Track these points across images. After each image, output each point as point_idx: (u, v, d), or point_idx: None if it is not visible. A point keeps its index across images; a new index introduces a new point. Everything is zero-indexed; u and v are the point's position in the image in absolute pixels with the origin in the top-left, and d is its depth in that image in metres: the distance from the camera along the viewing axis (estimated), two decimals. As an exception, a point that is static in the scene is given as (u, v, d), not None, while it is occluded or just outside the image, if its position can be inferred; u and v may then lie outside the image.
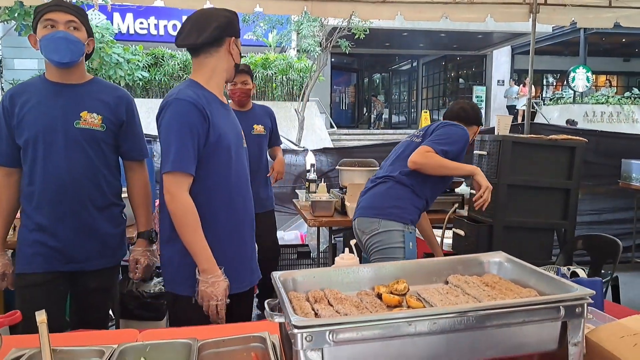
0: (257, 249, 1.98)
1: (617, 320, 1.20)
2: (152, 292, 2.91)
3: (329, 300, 1.13)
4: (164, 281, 1.82)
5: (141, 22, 14.23)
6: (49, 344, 1.09)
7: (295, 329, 0.90)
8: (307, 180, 3.93)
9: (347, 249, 1.66)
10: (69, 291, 1.98)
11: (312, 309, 1.08)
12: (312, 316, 1.04)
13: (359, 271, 1.29)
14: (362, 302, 1.14)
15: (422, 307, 1.12)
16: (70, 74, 1.89)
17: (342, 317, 1.00)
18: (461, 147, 2.40)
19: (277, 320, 1.01)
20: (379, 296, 1.18)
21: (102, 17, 11.38)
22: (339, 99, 19.84)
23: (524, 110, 11.89)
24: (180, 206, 1.63)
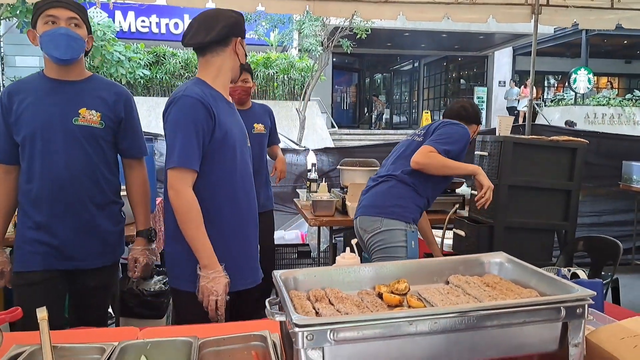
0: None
1: (618, 321, 1.20)
2: (152, 290, 2.90)
3: (329, 299, 1.13)
4: (168, 277, 1.82)
5: (143, 20, 14.25)
6: (50, 341, 1.09)
7: (296, 328, 0.90)
8: (308, 179, 3.93)
9: (348, 249, 1.66)
10: (68, 289, 1.96)
11: (313, 307, 1.08)
12: (313, 315, 1.04)
13: (360, 270, 1.29)
14: (363, 302, 1.14)
15: (423, 307, 1.12)
16: (69, 71, 1.87)
17: (343, 316, 1.01)
18: (462, 146, 2.41)
19: (278, 318, 1.01)
20: (380, 296, 1.18)
21: (104, 15, 11.41)
22: (340, 98, 19.85)
23: (524, 111, 11.90)
24: (184, 202, 1.64)
